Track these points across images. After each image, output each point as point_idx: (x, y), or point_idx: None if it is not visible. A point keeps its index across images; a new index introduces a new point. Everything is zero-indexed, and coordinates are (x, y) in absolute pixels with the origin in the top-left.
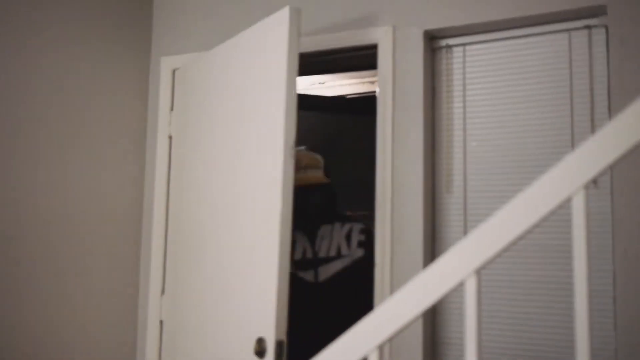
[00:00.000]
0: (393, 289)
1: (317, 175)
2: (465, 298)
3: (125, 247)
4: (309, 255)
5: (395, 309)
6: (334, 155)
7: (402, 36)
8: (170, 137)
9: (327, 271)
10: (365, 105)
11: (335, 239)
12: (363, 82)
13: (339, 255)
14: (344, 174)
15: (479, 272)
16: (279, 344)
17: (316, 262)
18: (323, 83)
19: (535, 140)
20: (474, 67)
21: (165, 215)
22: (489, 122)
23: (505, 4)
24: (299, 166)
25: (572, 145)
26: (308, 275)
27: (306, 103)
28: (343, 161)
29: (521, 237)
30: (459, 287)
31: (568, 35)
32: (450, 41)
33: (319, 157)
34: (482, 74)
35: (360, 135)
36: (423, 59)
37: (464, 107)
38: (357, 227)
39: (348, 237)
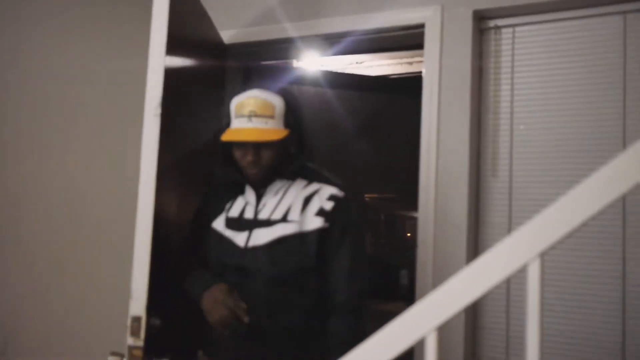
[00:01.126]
0: (435, 272)
1: (265, 127)
2: (528, 283)
3: None
4: (248, 214)
5: (455, 291)
6: (371, 136)
7: (450, 16)
8: None
9: (260, 237)
10: (406, 85)
11: (287, 198)
12: (402, 63)
13: (283, 220)
14: (380, 156)
15: (542, 255)
16: (135, 320)
17: (253, 224)
18: (361, 62)
19: (585, 125)
20: (523, 48)
21: None
22: (538, 105)
23: None
24: (240, 114)
25: (624, 130)
26: (239, 238)
27: (344, 82)
28: (381, 142)
29: (592, 218)
30: (522, 270)
31: (623, 18)
32: (499, 22)
33: (275, 102)
34: (532, 56)
35: (398, 117)
36: (471, 40)
37: (512, 89)
38: (327, 190)
39: (307, 201)
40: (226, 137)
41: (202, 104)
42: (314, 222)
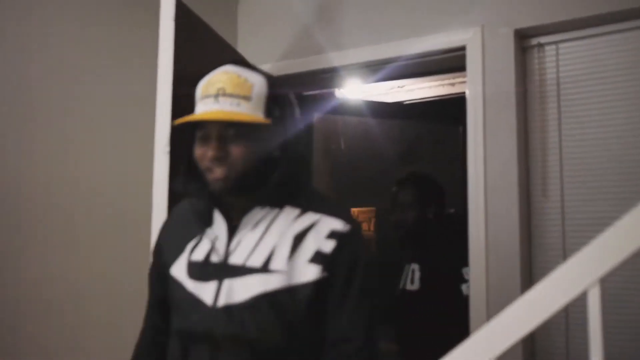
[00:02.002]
0: (489, 299)
1: (236, 110)
2: (588, 309)
3: None
4: (216, 256)
5: (512, 321)
6: (414, 161)
7: (491, 36)
8: None
9: (234, 291)
10: (446, 109)
11: (270, 236)
12: (444, 84)
13: (264, 269)
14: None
15: (602, 281)
16: None
17: (222, 270)
18: (402, 86)
19: (638, 139)
20: (568, 65)
21: None
22: (587, 122)
23: None
24: (206, 94)
25: None
26: (205, 292)
27: (386, 110)
28: (424, 166)
29: None
30: (581, 297)
31: None
32: (542, 39)
33: (253, 80)
34: (577, 72)
35: (440, 141)
36: (514, 59)
37: (559, 107)
38: (326, 224)
39: (299, 240)
40: (178, 120)
41: None
42: (307, 272)
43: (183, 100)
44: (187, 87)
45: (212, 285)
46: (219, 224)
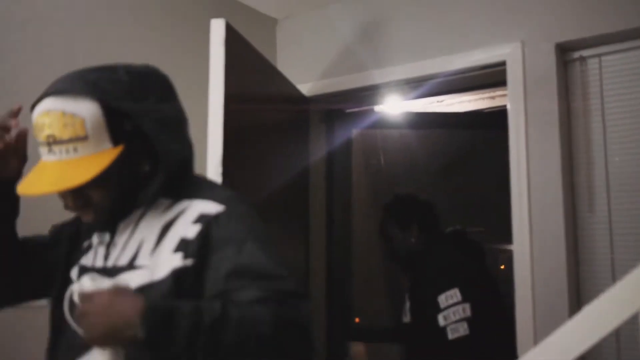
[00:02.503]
0: (536, 319)
1: (72, 158)
2: None
3: None
4: (99, 260)
5: (561, 344)
6: (457, 173)
7: (532, 51)
8: None
9: None
10: (489, 119)
11: (139, 232)
12: (484, 98)
13: (129, 267)
14: (466, 190)
15: None
16: None
17: (107, 274)
18: (441, 101)
19: None
20: (611, 77)
21: None
22: (633, 135)
23: None
24: (39, 140)
25: None
26: None
27: (427, 121)
28: (466, 177)
29: None
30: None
31: None
32: (584, 52)
33: (82, 111)
34: (622, 85)
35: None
36: (556, 73)
37: (603, 120)
38: (195, 208)
39: (166, 230)
40: (20, 189)
41: (283, 151)
42: (168, 263)
43: (233, 121)
44: (237, 106)
45: None
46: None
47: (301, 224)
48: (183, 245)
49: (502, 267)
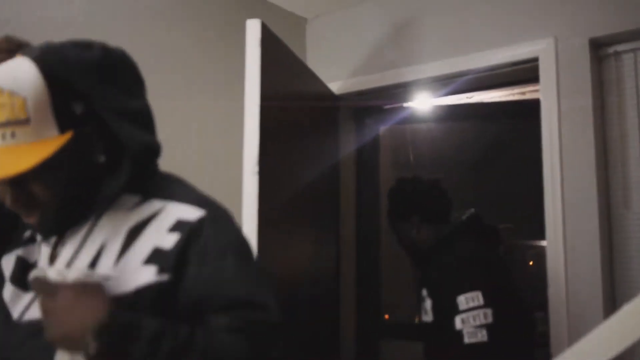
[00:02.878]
0: (570, 317)
1: (11, 145)
2: None
3: None
4: (43, 262)
5: (596, 344)
6: (487, 166)
7: (565, 47)
8: None
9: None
10: (519, 109)
11: (97, 234)
12: (514, 94)
13: None
14: (495, 185)
15: None
16: None
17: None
18: (471, 97)
19: None
20: None
21: None
22: None
23: None
24: None
25: None
26: (19, 304)
27: (455, 113)
28: (494, 171)
29: None
30: None
31: None
32: (619, 47)
33: (23, 90)
34: None
35: (512, 144)
36: (590, 69)
37: (639, 115)
38: (172, 213)
39: (134, 235)
40: None
41: (314, 149)
42: (139, 276)
43: (268, 119)
44: (272, 104)
45: (27, 298)
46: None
47: (332, 220)
48: (157, 257)
49: (531, 263)
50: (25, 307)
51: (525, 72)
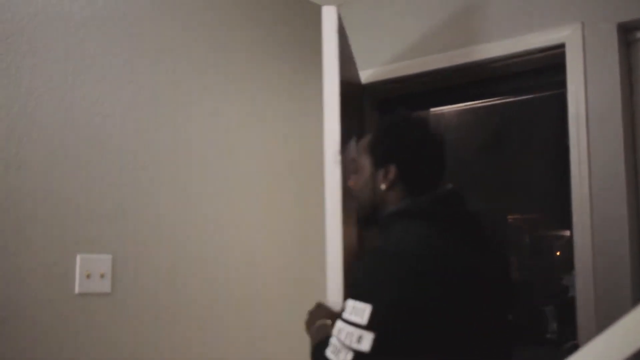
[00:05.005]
0: (597, 306)
1: None
2: None
3: None
4: None
5: (621, 337)
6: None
7: (592, 32)
8: None
9: None
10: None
11: None
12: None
13: None
14: (514, 171)
15: None
16: None
17: None
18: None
19: None
20: None
21: None
22: None
23: None
24: None
25: None
26: None
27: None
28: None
29: None
30: None
31: None
32: None
33: None
34: None
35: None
36: (618, 55)
37: None
38: None
39: None
40: None
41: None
42: None
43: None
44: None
45: None
46: None
47: None
48: None
49: (558, 253)
50: None
51: (551, 59)
